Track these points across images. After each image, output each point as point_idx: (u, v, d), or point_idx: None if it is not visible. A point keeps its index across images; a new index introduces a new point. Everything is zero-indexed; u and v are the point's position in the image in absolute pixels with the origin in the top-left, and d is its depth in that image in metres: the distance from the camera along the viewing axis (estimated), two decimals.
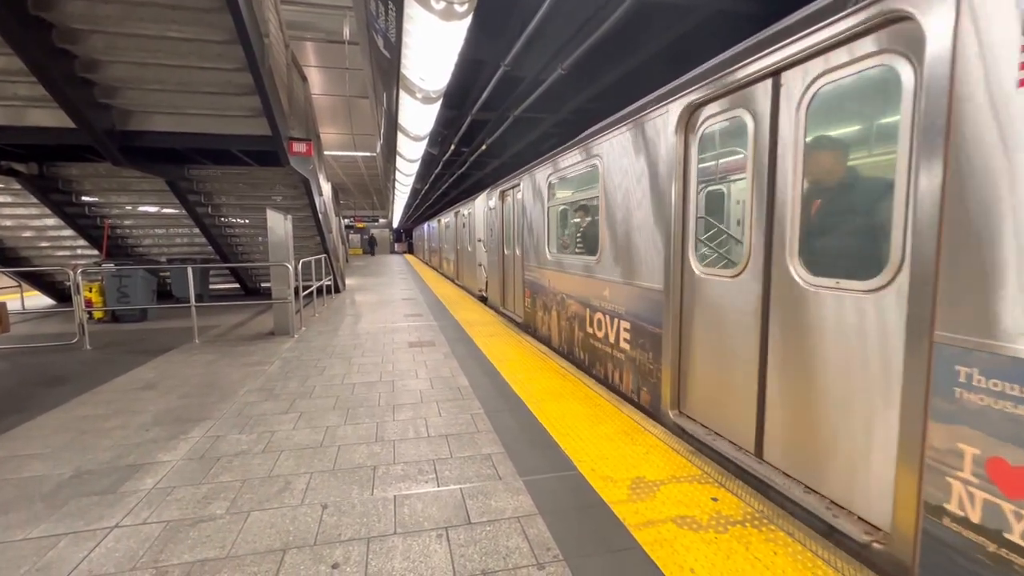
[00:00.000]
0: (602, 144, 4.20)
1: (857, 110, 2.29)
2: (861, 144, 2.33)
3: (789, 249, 2.36)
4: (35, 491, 2.58)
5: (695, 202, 3.10)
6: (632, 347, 3.80)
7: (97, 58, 5.51)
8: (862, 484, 2.04)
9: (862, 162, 2.32)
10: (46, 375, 4.82)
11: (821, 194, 2.36)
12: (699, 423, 3.10)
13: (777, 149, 2.43)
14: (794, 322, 2.34)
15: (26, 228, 8.99)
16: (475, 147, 11.15)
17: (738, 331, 2.72)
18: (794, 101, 2.32)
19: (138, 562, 2.00)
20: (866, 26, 1.92)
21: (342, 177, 21.55)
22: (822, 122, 2.30)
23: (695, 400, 3.15)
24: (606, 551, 2.03)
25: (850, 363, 2.07)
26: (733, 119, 2.76)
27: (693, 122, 3.06)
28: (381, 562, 1.98)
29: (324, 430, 3.34)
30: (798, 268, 2.33)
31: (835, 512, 2.11)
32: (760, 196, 2.52)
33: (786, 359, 2.40)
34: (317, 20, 8.39)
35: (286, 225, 6.63)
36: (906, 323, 1.77)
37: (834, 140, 2.34)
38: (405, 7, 3.88)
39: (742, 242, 2.71)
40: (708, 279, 2.97)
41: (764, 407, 2.56)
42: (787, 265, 2.37)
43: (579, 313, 4.85)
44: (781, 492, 2.35)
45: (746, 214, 2.62)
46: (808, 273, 2.28)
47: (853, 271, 2.10)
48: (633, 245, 3.73)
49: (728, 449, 2.75)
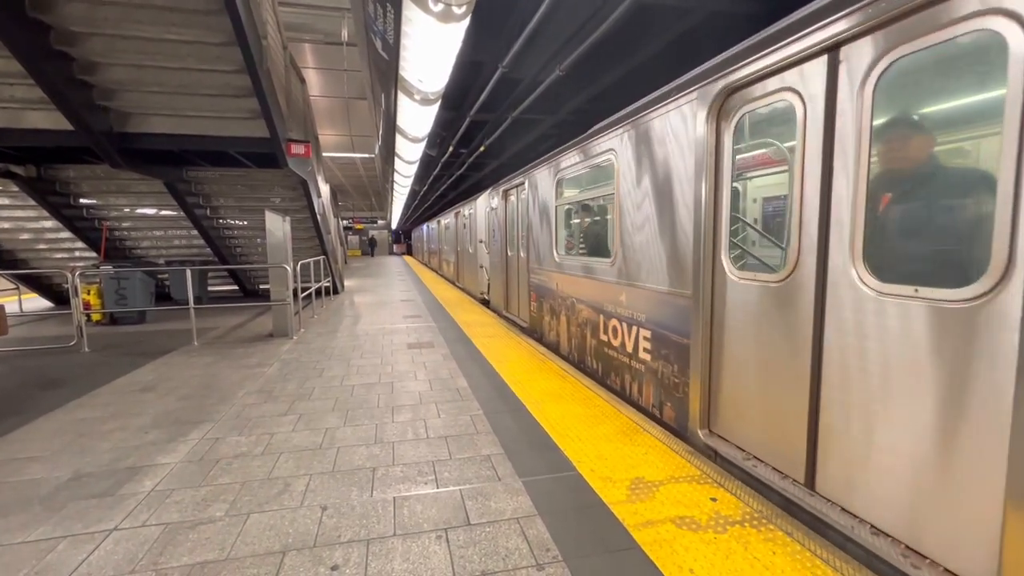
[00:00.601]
0: (619, 137, 3.88)
1: (941, 86, 1.95)
2: (948, 126, 2.00)
3: (851, 251, 2.06)
4: (34, 494, 2.57)
5: (728, 198, 2.80)
6: (654, 358, 3.51)
7: (95, 60, 5.51)
8: (952, 530, 1.73)
9: (949, 147, 2.03)
10: (44, 377, 4.81)
11: (894, 186, 2.05)
12: (734, 444, 2.79)
13: (835, 136, 2.12)
14: (859, 334, 2.02)
15: (24, 230, 8.98)
16: (473, 148, 11.17)
17: (784, 343, 2.40)
18: (858, 79, 1.99)
19: (137, 565, 1.99)
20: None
21: (340, 179, 21.57)
22: (896, 102, 1.97)
23: (729, 419, 2.82)
24: (605, 551, 2.03)
25: (934, 385, 1.76)
26: (776, 103, 2.42)
27: (727, 109, 2.74)
28: (381, 564, 1.98)
29: (323, 432, 3.34)
30: (863, 273, 2.02)
31: (914, 561, 1.80)
32: (812, 190, 2.23)
33: (848, 377, 2.08)
34: (315, 22, 8.42)
35: (284, 227, 6.63)
36: (1021, 338, 1.50)
37: (911, 123, 2.01)
38: (403, 9, 3.90)
39: (780, 244, 2.47)
40: (745, 284, 2.65)
41: (817, 431, 2.24)
42: (848, 269, 2.07)
43: (591, 319, 4.57)
44: (841, 532, 2.05)
45: (792, 211, 2.33)
46: (876, 279, 1.97)
47: (937, 277, 1.82)
48: (654, 246, 3.44)
49: (771, 477, 2.44)
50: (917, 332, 1.80)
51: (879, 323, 1.94)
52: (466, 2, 3.78)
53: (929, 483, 1.78)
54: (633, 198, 3.71)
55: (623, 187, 3.85)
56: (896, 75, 1.89)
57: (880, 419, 1.95)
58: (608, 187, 4.16)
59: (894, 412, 1.89)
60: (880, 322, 1.93)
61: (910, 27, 1.79)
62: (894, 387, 1.89)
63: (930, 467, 1.78)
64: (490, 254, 9.41)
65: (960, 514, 1.69)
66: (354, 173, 20.65)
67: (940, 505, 1.75)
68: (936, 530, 1.77)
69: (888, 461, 1.92)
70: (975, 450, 1.64)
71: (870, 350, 1.97)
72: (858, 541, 1.97)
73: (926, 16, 1.74)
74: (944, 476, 1.74)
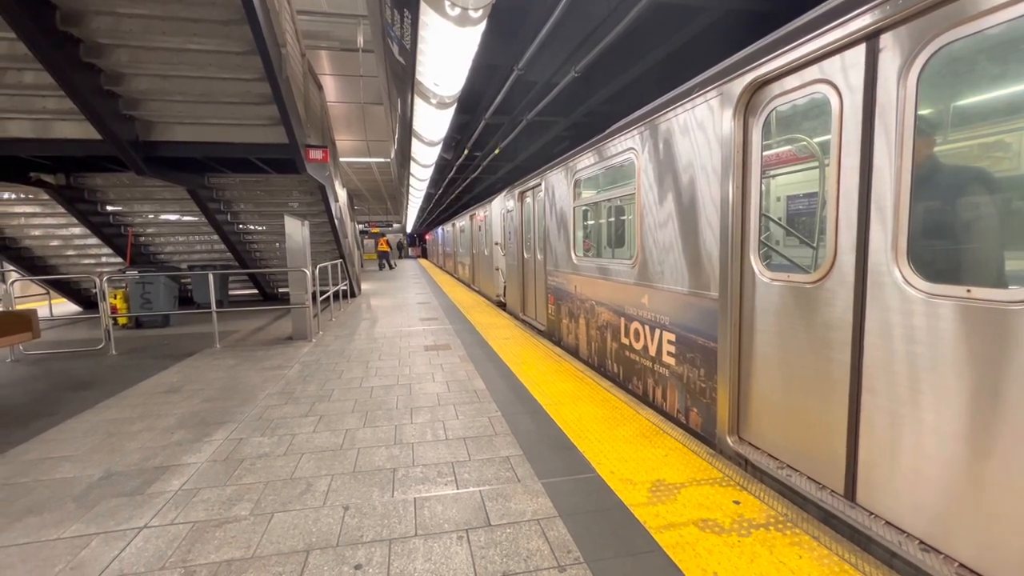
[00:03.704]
0: (640, 135, 3.80)
1: (1001, 72, 1.78)
2: (1006, 116, 1.86)
3: (895, 250, 1.95)
4: (67, 492, 2.65)
5: (757, 196, 2.71)
6: (678, 362, 3.42)
7: (121, 71, 5.68)
8: (1009, 547, 1.64)
9: (1006, 139, 1.91)
10: (74, 380, 4.96)
11: (939, 181, 1.94)
12: (765, 452, 2.70)
13: (875, 128, 2.03)
14: (904, 338, 1.93)
15: (53, 237, 9.26)
16: (488, 151, 11.21)
17: (820, 347, 2.31)
18: (899, 68, 1.88)
19: (167, 561, 2.04)
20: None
21: (356, 183, 21.81)
22: (945, 92, 1.86)
23: (760, 425, 2.73)
24: (627, 554, 2.02)
25: (991, 391, 1.66)
26: (810, 96, 2.35)
27: (755, 103, 2.66)
28: (403, 563, 2.00)
29: (344, 433, 3.38)
30: (908, 272, 1.90)
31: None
32: (850, 186, 2.15)
33: (893, 383, 1.99)
34: (332, 29, 8.54)
35: (303, 231, 6.73)
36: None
37: (965, 114, 1.90)
38: (420, 14, 3.94)
39: (811, 243, 2.39)
40: (777, 285, 2.57)
41: (857, 440, 2.15)
42: (892, 269, 1.96)
43: (612, 322, 4.49)
44: (886, 546, 1.97)
45: (829, 208, 2.25)
46: (923, 279, 1.86)
47: (994, 277, 1.74)
48: (678, 246, 3.36)
49: (807, 487, 2.35)
50: (969, 335, 1.71)
51: (928, 325, 1.83)
52: (483, 6, 3.81)
53: (993, 499, 1.67)
54: (655, 198, 3.63)
55: (644, 187, 3.78)
56: (945, 61, 1.78)
57: (929, 427, 1.85)
58: (629, 187, 4.09)
59: (945, 419, 1.80)
60: (930, 324, 1.83)
61: (955, 12, 1.70)
62: (947, 395, 1.79)
63: (992, 480, 1.67)
64: (506, 256, 9.40)
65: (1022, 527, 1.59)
66: (370, 178, 20.88)
67: (1000, 523, 1.65)
68: (994, 546, 1.66)
69: (940, 472, 1.83)
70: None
71: (920, 355, 1.87)
72: (906, 557, 1.88)
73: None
74: (1007, 488, 1.63)
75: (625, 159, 4.12)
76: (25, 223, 8.82)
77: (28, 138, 6.20)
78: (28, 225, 8.88)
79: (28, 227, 8.91)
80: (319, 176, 7.68)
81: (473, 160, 13.22)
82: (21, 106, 5.96)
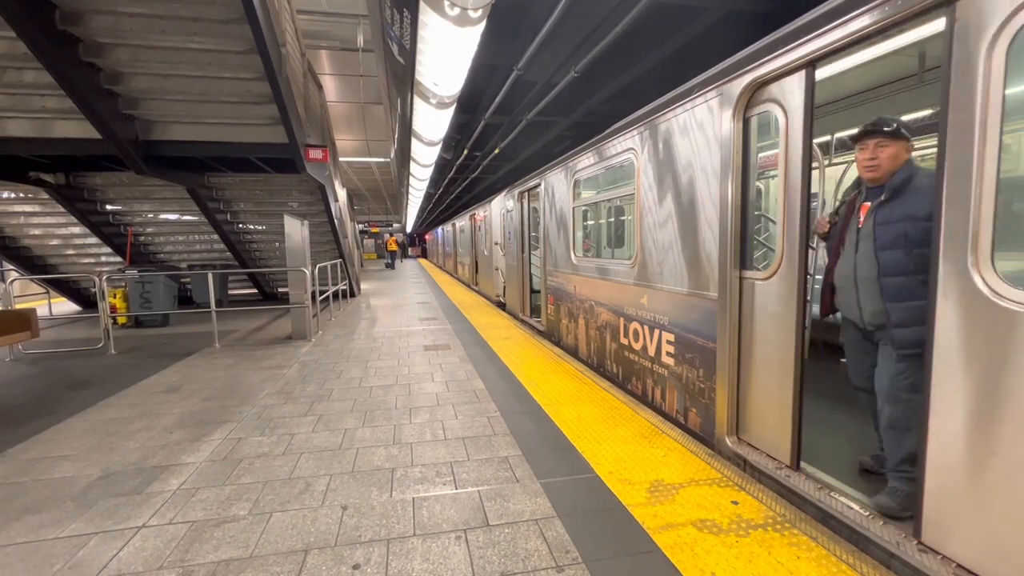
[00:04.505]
0: (640, 135, 3.80)
1: None
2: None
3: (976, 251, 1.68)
4: (65, 491, 2.65)
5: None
6: (677, 362, 3.42)
7: (121, 70, 5.67)
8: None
9: None
10: (73, 379, 4.96)
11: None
12: (765, 453, 2.69)
13: None
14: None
15: (53, 236, 9.26)
16: (488, 151, 11.22)
17: None
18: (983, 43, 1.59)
19: (165, 561, 2.04)
20: None
21: (356, 183, 21.80)
22: None
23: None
24: (625, 554, 2.02)
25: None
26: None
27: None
28: (401, 563, 2.00)
29: (342, 432, 3.38)
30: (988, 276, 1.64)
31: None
32: None
33: None
34: (332, 29, 8.54)
35: (303, 231, 6.73)
36: None
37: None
38: (420, 14, 3.94)
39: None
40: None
41: None
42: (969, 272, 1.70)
43: (611, 322, 4.50)
44: (884, 547, 1.94)
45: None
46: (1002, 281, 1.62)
47: None
48: (677, 247, 3.37)
49: (810, 490, 2.33)
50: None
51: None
52: (482, 6, 3.81)
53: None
54: (655, 198, 3.63)
55: (644, 187, 3.77)
56: None
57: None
58: (628, 187, 4.09)
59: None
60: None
61: None
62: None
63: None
64: (506, 256, 9.39)
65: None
66: (370, 177, 20.87)
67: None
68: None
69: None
70: None
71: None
72: (904, 558, 1.87)
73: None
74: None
75: (624, 159, 4.12)
76: (25, 222, 8.82)
77: (28, 137, 6.20)
78: (28, 224, 8.88)
79: (28, 226, 8.91)
80: (319, 176, 7.68)
81: (473, 160, 13.22)
82: (21, 105, 5.95)
